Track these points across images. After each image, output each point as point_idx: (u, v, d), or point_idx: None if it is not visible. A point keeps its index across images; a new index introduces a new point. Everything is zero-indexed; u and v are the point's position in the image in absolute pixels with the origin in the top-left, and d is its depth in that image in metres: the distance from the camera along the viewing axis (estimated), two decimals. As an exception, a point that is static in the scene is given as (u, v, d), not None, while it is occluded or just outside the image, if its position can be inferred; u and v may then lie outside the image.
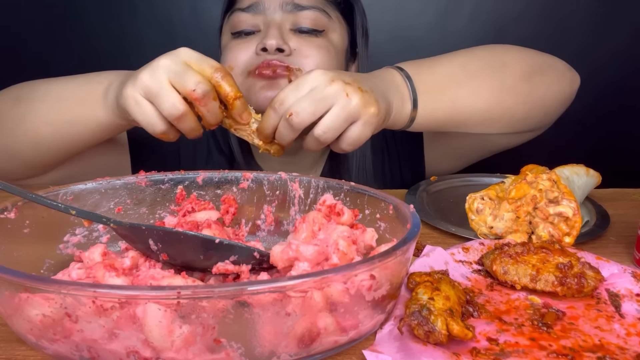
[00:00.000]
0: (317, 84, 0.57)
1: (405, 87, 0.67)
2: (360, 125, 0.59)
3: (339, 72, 0.60)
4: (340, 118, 0.57)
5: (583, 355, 0.39)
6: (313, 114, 0.57)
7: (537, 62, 0.77)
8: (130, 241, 0.47)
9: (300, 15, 0.77)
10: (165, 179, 0.55)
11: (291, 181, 0.56)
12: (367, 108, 0.58)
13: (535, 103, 0.76)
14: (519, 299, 0.47)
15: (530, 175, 0.58)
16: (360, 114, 0.58)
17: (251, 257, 0.45)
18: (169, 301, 0.33)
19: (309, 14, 0.77)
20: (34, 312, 0.35)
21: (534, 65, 0.76)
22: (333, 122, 0.57)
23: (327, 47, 0.77)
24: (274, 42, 0.72)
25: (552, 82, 0.77)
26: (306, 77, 0.58)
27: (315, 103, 0.57)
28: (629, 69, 1.40)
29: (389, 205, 0.50)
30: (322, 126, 0.58)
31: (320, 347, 0.37)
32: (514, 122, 0.76)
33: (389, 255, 0.37)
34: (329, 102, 0.57)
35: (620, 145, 1.45)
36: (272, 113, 0.59)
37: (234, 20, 0.78)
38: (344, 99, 0.57)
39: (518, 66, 0.75)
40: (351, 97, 0.57)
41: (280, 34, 0.75)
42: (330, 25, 0.80)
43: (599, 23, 1.37)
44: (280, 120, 0.58)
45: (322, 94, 0.56)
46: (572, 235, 0.56)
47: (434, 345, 0.39)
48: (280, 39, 0.74)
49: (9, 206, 0.46)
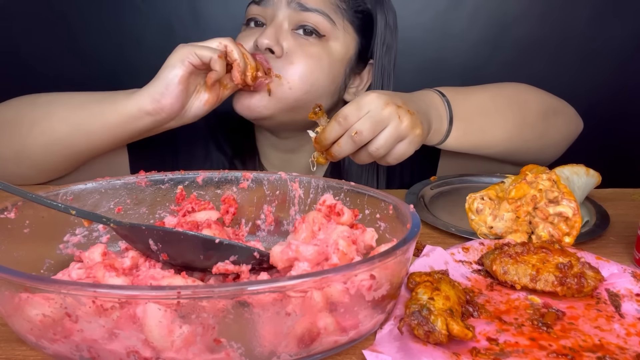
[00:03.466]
0: (375, 107, 0.64)
1: (444, 109, 0.74)
2: (406, 144, 0.66)
3: (391, 95, 0.66)
4: (392, 138, 0.65)
5: (583, 355, 0.39)
6: (372, 133, 0.64)
7: (552, 104, 0.86)
8: (130, 241, 0.47)
9: (304, 15, 0.78)
10: (165, 179, 0.55)
11: (291, 181, 0.56)
12: (414, 129, 0.66)
13: (549, 140, 0.86)
14: (518, 299, 0.47)
15: (530, 175, 0.58)
16: (408, 134, 0.65)
17: (251, 257, 0.45)
18: (169, 301, 0.33)
19: (312, 17, 0.78)
20: (34, 312, 0.35)
21: (550, 107, 0.85)
22: (386, 141, 0.65)
23: (318, 56, 0.78)
24: (264, 42, 0.75)
25: (563, 124, 0.87)
26: (365, 99, 0.64)
27: (374, 124, 0.64)
28: (629, 70, 1.40)
29: (389, 205, 0.50)
30: (376, 144, 0.65)
31: (320, 347, 0.37)
32: (529, 154, 0.85)
33: (389, 255, 0.37)
34: (385, 123, 0.64)
35: (620, 145, 1.45)
36: (336, 126, 0.64)
37: (248, 11, 0.82)
38: (396, 121, 0.64)
39: (537, 106, 0.84)
40: (402, 120, 0.64)
41: (276, 33, 0.77)
42: (333, 32, 0.80)
43: (600, 24, 1.37)
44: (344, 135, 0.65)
45: (380, 116, 0.63)
46: (572, 235, 0.56)
47: (434, 345, 0.39)
48: (274, 40, 0.76)
49: (9, 206, 0.46)
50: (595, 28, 1.37)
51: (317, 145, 0.67)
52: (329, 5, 0.80)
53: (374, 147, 0.65)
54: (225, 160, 0.91)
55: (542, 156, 0.88)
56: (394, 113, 0.64)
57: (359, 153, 0.67)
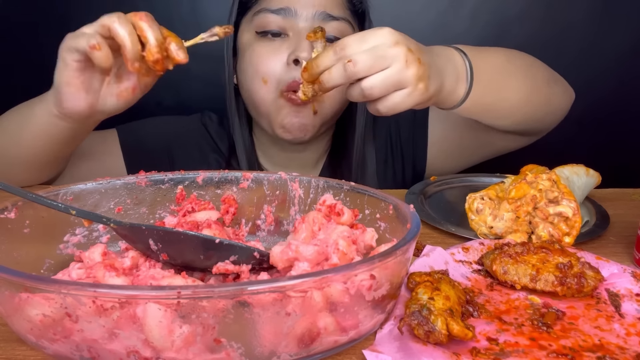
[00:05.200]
0: (382, 42, 0.57)
1: (464, 67, 0.67)
2: (404, 94, 0.59)
3: (406, 37, 0.60)
4: (390, 80, 0.58)
5: (583, 355, 0.39)
6: (370, 68, 0.57)
7: (552, 73, 0.83)
8: (130, 241, 0.47)
9: (329, 25, 0.77)
10: (165, 179, 0.55)
11: (291, 181, 0.56)
12: (419, 82, 0.59)
13: (551, 107, 0.82)
14: (518, 299, 0.47)
15: (530, 175, 0.58)
16: (410, 84, 0.58)
17: (251, 257, 0.45)
18: (169, 301, 0.33)
19: (338, 25, 0.78)
20: (34, 312, 0.35)
21: (551, 74, 0.83)
22: (383, 82, 0.58)
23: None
24: (307, 56, 0.73)
25: (561, 92, 0.84)
26: (374, 32, 0.58)
27: (375, 59, 0.57)
28: (629, 70, 1.40)
29: (389, 205, 0.50)
30: (371, 81, 0.58)
31: (320, 347, 0.37)
32: (533, 121, 0.81)
33: (389, 255, 0.37)
34: (388, 62, 0.57)
35: (620, 145, 1.45)
36: (331, 54, 0.58)
37: (262, 20, 0.79)
38: (401, 64, 0.57)
39: (543, 72, 0.81)
40: (409, 66, 0.58)
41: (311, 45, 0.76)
42: None
43: (600, 24, 1.37)
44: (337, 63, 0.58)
45: (384, 52, 0.57)
46: (572, 235, 0.56)
47: (434, 345, 0.39)
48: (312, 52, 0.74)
49: (9, 206, 0.46)
50: (595, 28, 1.37)
51: (306, 73, 0.60)
52: (347, 10, 0.80)
53: (367, 84, 0.58)
54: (222, 161, 0.91)
55: (543, 124, 0.85)
56: (402, 55, 0.57)
57: (351, 87, 0.61)
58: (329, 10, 0.77)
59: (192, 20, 1.37)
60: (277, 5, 0.78)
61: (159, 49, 0.56)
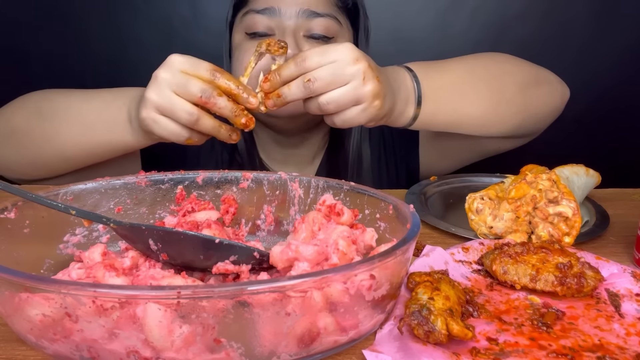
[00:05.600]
0: (342, 58, 0.58)
1: (413, 89, 0.69)
2: (360, 110, 0.61)
3: (364, 54, 0.61)
4: (348, 97, 0.59)
5: (583, 355, 0.39)
6: (327, 85, 0.59)
7: (533, 74, 0.81)
8: (130, 241, 0.47)
9: (314, 22, 0.78)
10: (165, 179, 0.55)
11: (291, 181, 0.56)
12: (375, 99, 0.61)
13: (528, 113, 0.80)
14: (518, 299, 0.47)
15: (530, 175, 0.58)
16: (366, 100, 0.60)
17: (251, 257, 0.45)
18: (169, 301, 0.33)
19: (323, 22, 0.78)
20: (34, 312, 0.35)
21: (530, 78, 0.80)
22: (340, 98, 0.59)
23: None
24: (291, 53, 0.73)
25: (545, 94, 0.82)
26: (335, 48, 0.59)
27: (334, 77, 0.59)
28: (629, 70, 1.40)
29: (389, 205, 0.50)
30: (328, 97, 0.60)
31: (320, 347, 0.37)
32: (507, 129, 0.80)
33: (389, 255, 0.38)
34: (346, 79, 0.59)
35: (620, 145, 1.45)
36: (292, 65, 0.60)
37: (249, 21, 0.80)
38: (359, 82, 0.59)
39: (516, 77, 0.78)
40: (366, 83, 0.59)
41: (296, 42, 0.77)
42: (340, 32, 0.81)
43: (600, 24, 1.37)
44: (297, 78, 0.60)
45: (343, 71, 0.58)
46: (572, 235, 0.56)
47: (434, 345, 0.39)
48: (297, 49, 0.76)
49: (9, 206, 0.46)
50: (595, 27, 1.37)
51: (267, 83, 0.61)
52: (334, 6, 0.80)
53: (324, 100, 0.60)
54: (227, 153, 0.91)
55: (523, 130, 0.83)
56: (360, 72, 0.59)
57: (308, 101, 0.62)
58: (313, 7, 0.78)
59: (192, 20, 1.37)
60: (262, 5, 0.78)
61: (241, 113, 0.61)
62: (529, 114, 0.81)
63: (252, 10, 0.79)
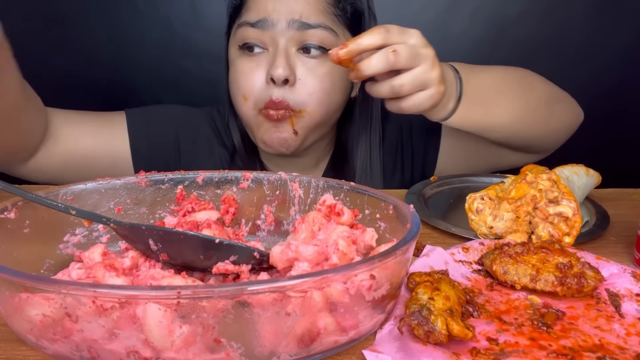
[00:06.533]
0: (417, 41, 0.61)
1: (455, 85, 0.71)
2: (427, 95, 0.63)
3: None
4: (420, 80, 0.61)
5: (583, 355, 0.39)
6: (407, 63, 0.60)
7: (555, 93, 0.85)
8: (130, 241, 0.47)
9: (307, 33, 0.76)
10: (165, 179, 0.55)
11: (291, 181, 0.56)
12: (439, 85, 0.63)
13: (550, 127, 0.84)
14: (518, 299, 0.47)
15: (530, 175, 0.58)
16: (433, 85, 0.62)
17: (251, 257, 0.45)
18: (169, 301, 0.33)
19: (317, 33, 0.76)
20: (34, 312, 0.35)
21: (552, 95, 0.84)
22: (414, 80, 0.61)
23: (330, 75, 0.77)
24: (281, 73, 0.74)
25: (565, 112, 0.86)
26: (410, 32, 0.61)
27: (413, 55, 0.60)
28: (629, 70, 1.40)
29: (389, 205, 0.50)
30: (403, 79, 0.61)
31: (320, 347, 0.37)
32: (529, 140, 0.84)
33: (389, 255, 0.37)
34: (420, 61, 0.61)
35: (620, 145, 1.45)
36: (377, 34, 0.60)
37: (242, 34, 0.78)
38: (429, 65, 0.61)
39: (541, 92, 0.82)
40: (434, 68, 0.62)
41: (287, 60, 0.75)
42: (337, 43, 0.78)
43: (600, 24, 1.37)
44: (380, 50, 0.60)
45: (419, 51, 0.61)
46: (572, 235, 0.56)
47: (434, 345, 0.39)
48: (287, 68, 0.74)
49: (9, 206, 0.46)
50: (595, 27, 1.37)
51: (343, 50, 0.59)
52: (328, 15, 0.78)
53: (398, 82, 0.61)
54: (228, 155, 0.91)
55: (543, 143, 0.87)
56: (430, 57, 0.62)
57: (378, 84, 0.63)
58: (305, 17, 0.75)
59: (192, 20, 1.37)
60: (255, 17, 0.76)
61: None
62: (551, 128, 0.84)
63: (245, 23, 0.78)
